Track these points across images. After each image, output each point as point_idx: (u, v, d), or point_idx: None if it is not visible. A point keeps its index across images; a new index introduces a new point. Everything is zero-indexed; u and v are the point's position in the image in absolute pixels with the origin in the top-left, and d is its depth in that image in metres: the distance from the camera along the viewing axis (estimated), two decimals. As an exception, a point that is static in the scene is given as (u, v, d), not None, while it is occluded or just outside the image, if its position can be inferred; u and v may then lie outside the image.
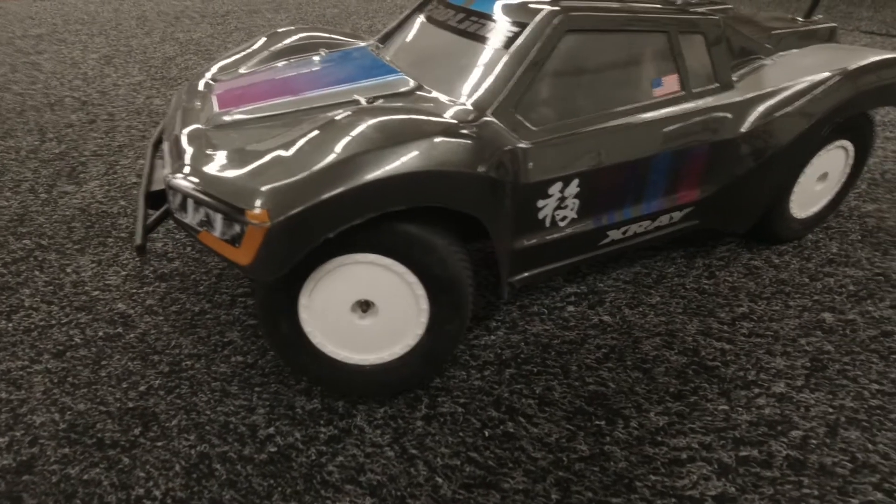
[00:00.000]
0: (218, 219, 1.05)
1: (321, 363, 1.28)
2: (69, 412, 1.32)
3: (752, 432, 1.30)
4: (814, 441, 1.28)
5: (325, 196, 1.00)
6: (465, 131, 1.19)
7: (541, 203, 1.38)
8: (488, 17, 1.49)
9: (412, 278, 1.21)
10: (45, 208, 2.20)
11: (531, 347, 1.54)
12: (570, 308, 1.69)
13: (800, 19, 2.09)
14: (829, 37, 2.05)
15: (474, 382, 1.43)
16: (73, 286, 1.75)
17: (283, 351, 1.24)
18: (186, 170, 1.15)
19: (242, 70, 1.75)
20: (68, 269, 1.83)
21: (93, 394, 1.37)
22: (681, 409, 1.36)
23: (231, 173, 1.07)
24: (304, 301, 1.19)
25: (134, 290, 1.74)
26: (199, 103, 1.49)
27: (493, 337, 1.57)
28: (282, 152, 1.07)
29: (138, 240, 1.18)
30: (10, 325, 1.59)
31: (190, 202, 1.10)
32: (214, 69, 1.77)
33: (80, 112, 3.23)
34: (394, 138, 1.08)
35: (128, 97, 3.49)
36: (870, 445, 1.27)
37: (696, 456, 1.24)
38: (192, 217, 1.11)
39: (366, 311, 1.27)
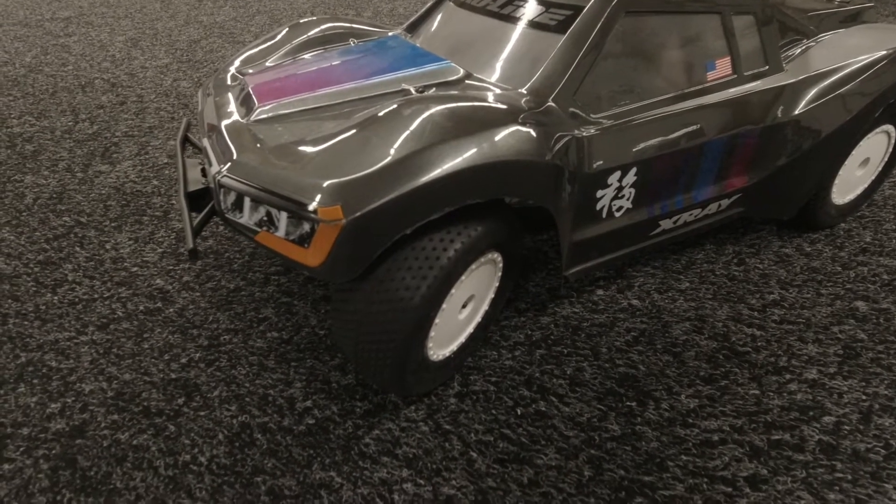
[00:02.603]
0: (282, 218, 1.02)
1: (427, 371, 1.24)
2: (116, 381, 1.37)
3: (783, 417, 1.30)
4: (847, 427, 1.28)
5: (402, 191, 0.96)
6: (531, 119, 1.17)
7: (599, 193, 1.35)
8: (534, 1, 1.47)
9: (500, 261, 1.26)
10: (82, 187, 2.25)
11: (561, 329, 1.56)
12: (600, 291, 1.70)
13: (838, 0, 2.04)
14: (868, 17, 1.99)
15: (505, 362, 1.45)
16: (113, 262, 1.81)
17: (389, 367, 1.15)
18: (238, 166, 1.10)
19: (269, 63, 1.72)
20: (107, 246, 1.89)
21: (137, 364, 1.42)
22: (712, 392, 1.37)
23: (293, 168, 1.03)
24: (446, 309, 1.16)
25: (171, 267, 1.78)
26: (231, 97, 1.46)
27: (522, 318, 1.59)
28: (345, 145, 1.04)
29: (190, 244, 1.16)
30: (56, 297, 1.64)
31: (247, 201, 1.08)
32: (238, 62, 1.75)
33: (109, 94, 3.28)
34: (464, 127, 1.05)
35: (155, 79, 3.54)
36: (904, 432, 1.27)
37: (728, 438, 1.25)
38: (248, 217, 1.08)
39: (466, 304, 1.28)
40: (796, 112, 1.61)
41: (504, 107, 1.17)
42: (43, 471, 1.16)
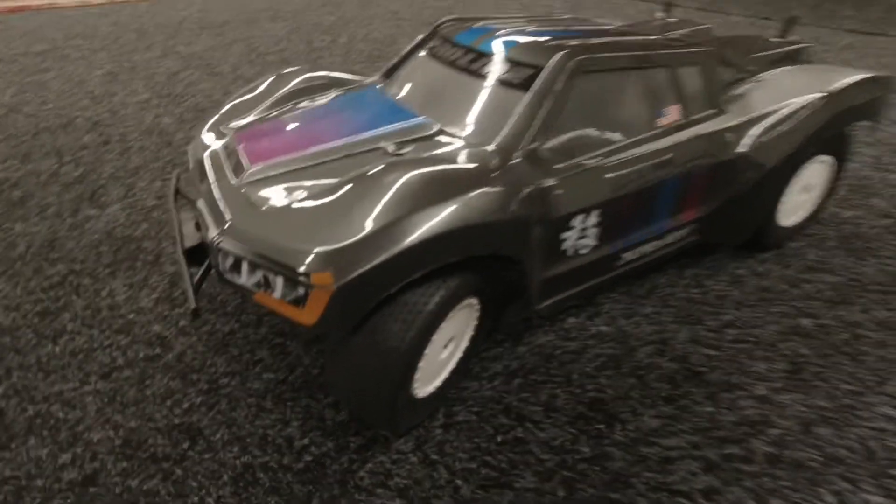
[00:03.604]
0: (279, 282, 1.14)
1: (414, 407, 1.37)
2: (122, 429, 1.46)
3: (734, 431, 1.46)
4: (789, 438, 1.44)
5: (386, 257, 1.09)
6: (498, 180, 1.30)
7: (564, 236, 1.50)
8: (499, 59, 1.61)
9: (477, 305, 1.43)
10: (73, 233, 2.32)
11: (535, 358, 1.69)
12: (571, 319, 1.85)
13: (775, 40, 2.24)
14: (804, 56, 2.20)
15: (485, 392, 1.58)
16: (110, 309, 1.89)
17: (381, 408, 1.27)
18: (235, 232, 1.21)
19: (256, 115, 1.80)
20: (103, 293, 1.97)
21: (141, 411, 1.51)
22: (672, 412, 1.52)
23: (286, 235, 1.14)
24: (428, 353, 1.29)
25: (166, 313, 1.87)
26: (223, 155, 1.56)
27: (500, 349, 1.72)
28: (333, 211, 1.16)
29: (192, 304, 1.26)
30: (57, 348, 1.72)
31: (245, 264, 1.19)
32: (225, 111, 1.85)
33: (92, 133, 3.34)
34: (438, 194, 1.18)
35: (137, 116, 3.60)
36: (838, 441, 1.43)
37: (685, 454, 1.40)
38: (246, 279, 1.19)
39: (447, 345, 1.43)
40: (740, 150, 1.79)
41: (473, 168, 1.30)
42: (60, 520, 1.24)
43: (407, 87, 1.81)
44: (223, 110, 1.91)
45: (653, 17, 2.64)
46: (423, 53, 1.89)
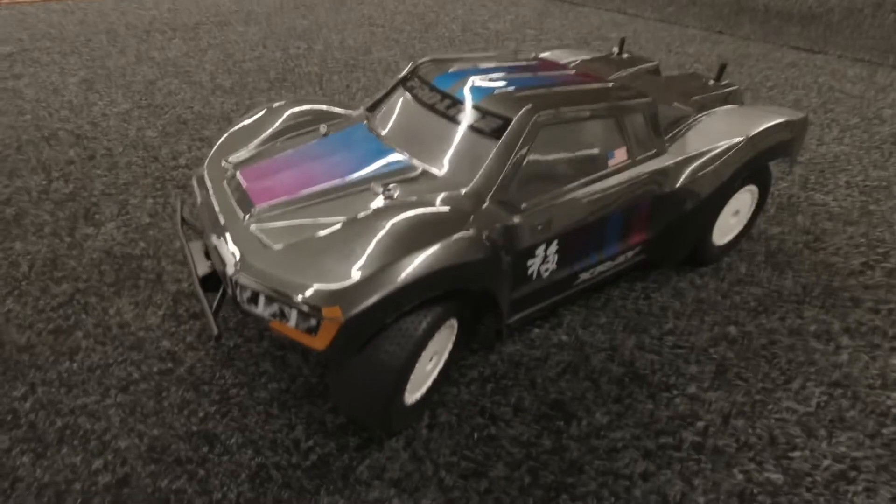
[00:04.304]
0: (293, 313, 1.37)
1: (405, 412, 1.62)
2: (146, 437, 1.66)
3: (669, 425, 1.77)
4: (712, 429, 1.76)
5: (383, 294, 1.34)
6: (472, 224, 1.56)
7: (529, 262, 1.78)
8: (471, 107, 1.85)
9: (456, 325, 1.70)
10: (73, 252, 2.46)
11: (506, 365, 1.97)
12: (536, 330, 2.13)
13: (711, 82, 2.57)
14: (736, 98, 2.53)
15: (463, 396, 1.84)
16: (120, 327, 2.06)
17: (377, 414, 1.50)
18: (251, 268, 1.43)
19: (253, 148, 1.99)
20: (111, 312, 2.13)
21: (161, 421, 1.71)
22: (619, 409, 1.82)
23: (298, 273, 1.37)
24: (417, 366, 1.55)
25: (173, 329, 2.06)
26: (228, 191, 1.77)
27: (475, 358, 1.99)
28: (335, 252, 1.40)
29: (214, 330, 1.49)
30: (75, 364, 1.89)
31: (262, 297, 1.41)
32: (223, 143, 2.02)
33: (77, 147, 3.43)
34: (422, 240, 1.43)
35: (119, 129, 3.69)
36: (750, 430, 1.76)
37: (629, 444, 1.70)
38: (263, 310, 1.42)
39: (431, 358, 1.68)
40: (678, 185, 2.10)
41: (451, 213, 1.55)
42: (102, 517, 1.44)
43: (391, 126, 2.04)
44: (220, 142, 2.09)
45: (609, 53, 2.94)
46: (405, 94, 2.12)
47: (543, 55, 3.00)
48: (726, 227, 2.46)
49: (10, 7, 7.05)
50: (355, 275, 1.35)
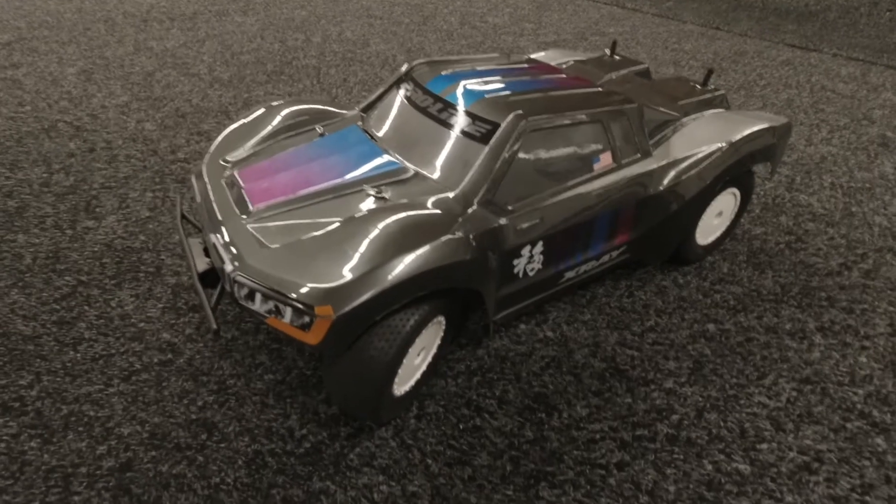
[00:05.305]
0: (288, 311, 1.44)
1: (394, 404, 1.70)
2: (148, 424, 1.74)
3: (645, 418, 1.86)
4: (686, 422, 1.85)
5: (373, 293, 1.41)
6: (461, 226, 1.63)
7: (516, 262, 1.85)
8: (462, 112, 1.92)
9: (443, 321, 1.78)
10: (74, 244, 2.53)
11: (492, 359, 2.05)
12: (522, 326, 2.21)
13: (698, 86, 2.64)
14: (721, 102, 2.60)
15: (451, 389, 1.93)
16: (121, 319, 2.14)
17: (368, 406, 1.59)
18: (248, 267, 1.50)
19: (251, 148, 2.05)
20: (112, 304, 2.21)
21: (162, 409, 1.79)
22: (598, 402, 1.91)
23: (293, 272, 1.44)
24: (405, 361, 1.63)
25: (173, 321, 2.14)
26: (227, 190, 1.83)
27: (463, 352, 2.07)
28: (329, 253, 1.47)
29: (213, 325, 1.56)
30: (79, 355, 1.97)
31: (258, 295, 1.49)
32: (221, 142, 2.08)
33: (76, 139, 3.48)
34: (412, 242, 1.50)
35: (118, 122, 3.74)
36: (722, 423, 1.85)
37: (606, 436, 1.79)
38: (259, 306, 1.49)
39: (420, 353, 1.76)
40: (662, 188, 2.17)
41: (440, 216, 1.63)
42: (106, 499, 1.53)
43: (385, 128, 2.10)
44: (218, 141, 2.15)
45: (601, 55, 2.99)
46: (398, 96, 2.18)
47: (537, 55, 3.06)
48: (710, 228, 2.54)
49: (6, -7, 7.02)
50: (347, 275, 1.43)
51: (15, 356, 1.95)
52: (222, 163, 2.02)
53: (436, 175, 1.84)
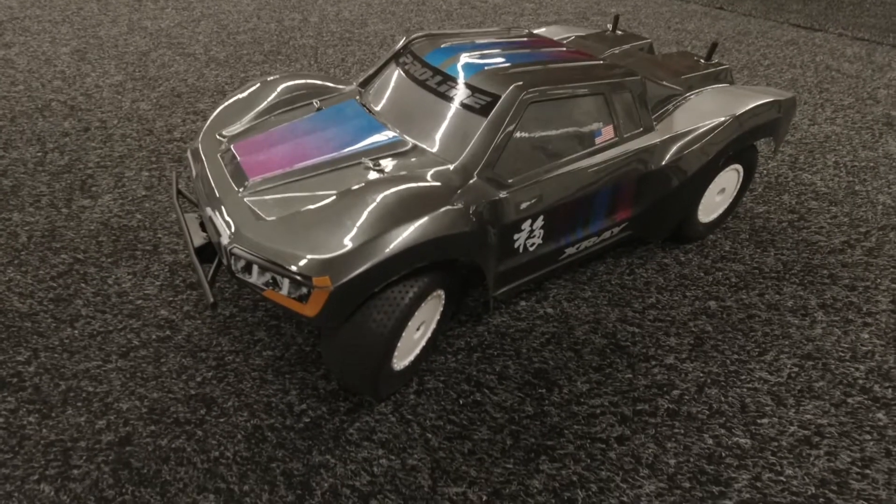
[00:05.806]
0: (285, 282, 1.42)
1: (393, 378, 1.69)
2: (146, 399, 1.73)
3: (645, 393, 1.85)
4: (686, 397, 1.85)
5: (371, 264, 1.39)
6: (460, 198, 1.60)
7: (516, 236, 1.83)
8: (462, 84, 1.88)
9: (443, 295, 1.76)
10: (70, 223, 2.50)
11: (492, 335, 2.04)
12: (522, 303, 2.20)
13: (702, 61, 2.59)
14: (726, 77, 2.55)
15: (451, 364, 1.92)
16: (118, 296, 2.12)
17: (366, 380, 1.57)
18: (245, 239, 1.48)
19: (246, 122, 2.02)
20: (109, 281, 2.19)
21: (160, 385, 1.79)
22: (599, 378, 1.90)
23: (290, 243, 1.41)
24: (404, 335, 1.61)
25: (171, 298, 2.12)
26: (223, 164, 1.80)
27: (463, 328, 2.06)
28: (326, 224, 1.44)
29: (210, 298, 1.53)
30: (76, 331, 1.96)
31: (255, 267, 1.46)
32: (217, 117, 2.03)
33: (71, 119, 3.43)
34: (410, 212, 1.47)
35: (113, 101, 3.68)
36: (723, 398, 1.85)
37: (607, 411, 1.79)
38: (257, 279, 1.47)
39: (419, 327, 1.75)
40: (664, 163, 2.14)
41: (439, 187, 1.60)
42: (106, 472, 1.53)
43: (383, 102, 2.06)
44: (214, 115, 2.11)
45: (604, 30, 2.93)
46: (397, 69, 2.13)
47: (538, 31, 3.00)
48: (712, 205, 2.51)
49: (-2, -27, 6.89)
50: (344, 245, 1.40)
51: (12, 333, 1.94)
52: (219, 137, 1.99)
53: (435, 148, 1.81)
